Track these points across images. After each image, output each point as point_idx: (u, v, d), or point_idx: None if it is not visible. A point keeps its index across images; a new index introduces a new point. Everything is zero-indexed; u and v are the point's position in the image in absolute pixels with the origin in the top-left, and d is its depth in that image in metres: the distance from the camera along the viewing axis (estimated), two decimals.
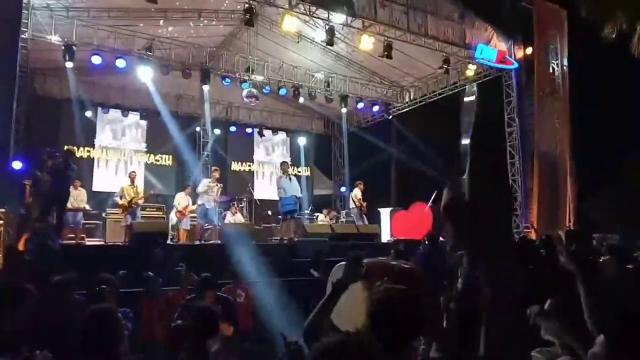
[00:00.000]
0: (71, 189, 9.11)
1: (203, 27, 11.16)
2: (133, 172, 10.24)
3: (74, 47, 10.13)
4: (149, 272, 5.27)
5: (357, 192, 11.59)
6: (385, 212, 12.03)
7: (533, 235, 10.05)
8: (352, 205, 11.72)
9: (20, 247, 6.71)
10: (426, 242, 6.41)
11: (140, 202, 9.50)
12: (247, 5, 9.26)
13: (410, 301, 1.75)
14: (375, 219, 11.99)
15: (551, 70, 11.00)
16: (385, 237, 11.29)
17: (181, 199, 10.31)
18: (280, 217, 10.47)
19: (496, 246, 1.31)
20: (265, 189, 15.04)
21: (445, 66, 11.41)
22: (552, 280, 2.91)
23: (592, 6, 10.46)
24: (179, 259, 6.28)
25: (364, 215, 11.51)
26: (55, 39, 9.99)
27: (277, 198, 10.12)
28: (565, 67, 11.06)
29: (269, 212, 13.04)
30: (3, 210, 6.50)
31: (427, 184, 11.43)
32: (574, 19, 11.24)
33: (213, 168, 10.92)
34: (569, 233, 8.53)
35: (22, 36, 8.43)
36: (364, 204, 11.53)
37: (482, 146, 1.40)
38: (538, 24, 11.12)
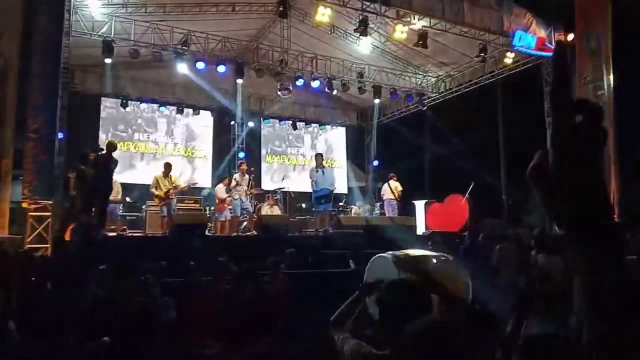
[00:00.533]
0: None
1: (237, 20, 11.22)
2: (168, 163, 10.45)
3: (112, 42, 10.40)
4: (190, 262, 5.37)
5: (396, 184, 11.55)
6: (420, 205, 11.89)
7: None
8: (388, 196, 11.63)
9: (67, 237, 6.98)
10: (466, 237, 6.32)
11: (175, 192, 9.66)
12: None
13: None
14: (409, 211, 11.88)
15: (592, 58, 10.59)
16: (420, 229, 11.18)
17: (220, 191, 10.47)
18: (313, 209, 10.52)
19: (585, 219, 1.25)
20: (299, 181, 15.11)
21: (483, 55, 11.14)
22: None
23: None
24: (217, 250, 6.40)
25: (394, 208, 11.49)
26: (94, 35, 10.28)
27: (311, 190, 10.17)
28: (608, 55, 10.62)
29: (303, 205, 13.12)
30: (51, 202, 6.75)
31: (463, 176, 11.25)
32: (618, 5, 10.78)
33: (239, 162, 11.06)
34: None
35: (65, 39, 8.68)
36: (398, 195, 11.52)
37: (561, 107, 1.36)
38: (579, 9, 10.71)
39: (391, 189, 11.57)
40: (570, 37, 10.99)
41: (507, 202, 12.39)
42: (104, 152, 8.08)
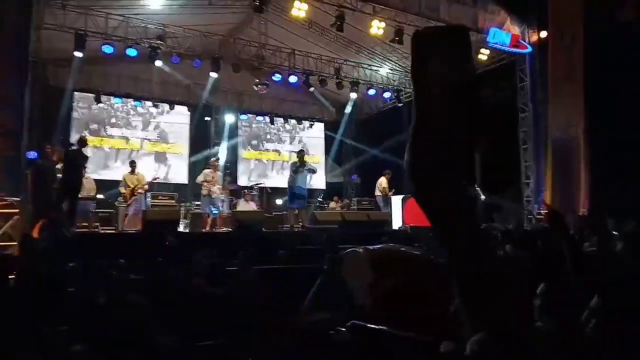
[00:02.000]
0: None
1: (213, 15, 11.10)
2: (133, 161, 10.36)
3: (85, 36, 10.18)
4: (159, 259, 5.31)
5: (382, 180, 11.64)
6: (396, 200, 11.97)
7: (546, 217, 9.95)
8: (377, 192, 11.73)
9: (35, 234, 6.83)
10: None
11: (142, 190, 9.59)
12: None
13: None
14: (378, 206, 11.97)
15: (566, 54, 10.77)
16: (397, 224, 11.25)
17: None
18: (288, 205, 10.53)
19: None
20: (276, 177, 15.08)
21: None
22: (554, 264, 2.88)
23: None
24: (190, 247, 6.35)
25: (389, 204, 11.56)
26: (66, 28, 10.06)
27: (287, 186, 10.17)
28: (580, 51, 10.80)
29: (278, 201, 13.11)
30: (18, 199, 6.60)
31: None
32: (591, 1, 10.96)
33: (212, 159, 10.95)
34: (582, 219, 8.44)
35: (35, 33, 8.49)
36: (390, 193, 11.55)
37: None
38: (553, 6, 10.87)
39: (378, 185, 11.74)
40: (544, 34, 11.16)
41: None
42: (74, 147, 7.93)
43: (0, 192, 6.57)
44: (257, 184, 12.66)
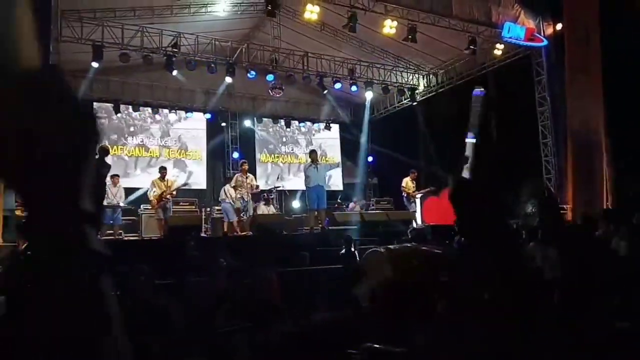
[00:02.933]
0: (110, 185, 9.43)
1: (226, 21, 11.22)
2: (163, 167, 10.46)
3: (101, 47, 10.38)
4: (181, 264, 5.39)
5: (406, 181, 11.59)
6: (417, 199, 11.93)
7: (569, 216, 9.83)
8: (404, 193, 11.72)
9: None
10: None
11: (171, 195, 9.68)
12: None
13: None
14: (403, 204, 11.91)
15: (582, 47, 10.61)
16: (417, 223, 11.21)
17: (230, 190, 10.41)
18: (307, 207, 10.55)
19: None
20: (293, 180, 15.14)
21: (472, 47, 11.14)
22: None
23: None
24: (213, 251, 6.44)
25: (412, 204, 11.48)
26: (84, 40, 10.27)
27: (305, 188, 10.20)
28: (597, 43, 10.64)
29: (295, 203, 13.17)
30: None
31: (455, 169, 11.26)
32: None
33: (241, 161, 11.03)
34: (606, 213, 8.30)
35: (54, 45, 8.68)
36: (414, 192, 11.51)
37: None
38: None
39: (403, 185, 11.67)
40: (559, 26, 11.02)
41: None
42: (96, 156, 8.07)
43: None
44: (276, 187, 12.73)
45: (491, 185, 1.32)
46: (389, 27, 10.14)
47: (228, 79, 12.16)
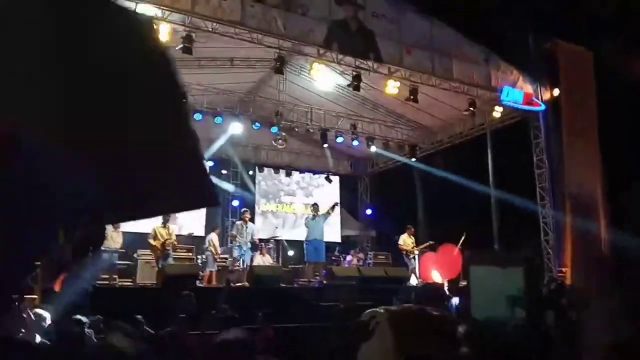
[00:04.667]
0: (110, 230, 9.40)
1: (234, 74, 11.57)
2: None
3: None
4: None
5: (403, 237, 11.60)
6: (415, 256, 11.91)
7: (568, 279, 9.79)
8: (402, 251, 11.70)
9: (57, 288, 6.89)
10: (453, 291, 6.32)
11: (173, 244, 9.65)
12: (277, 54, 9.60)
13: None
14: (403, 261, 11.87)
15: (579, 111, 10.93)
16: (414, 280, 11.14)
17: (215, 240, 10.48)
18: (305, 260, 10.53)
19: None
20: (292, 231, 15.12)
21: (471, 109, 11.45)
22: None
23: (618, 47, 10.46)
24: (208, 302, 6.37)
25: (412, 260, 11.44)
26: None
27: (304, 240, 10.24)
28: (593, 108, 10.97)
29: (291, 252, 13.11)
30: None
31: (455, 226, 11.34)
32: (600, 59, 11.23)
33: (243, 210, 11.06)
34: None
35: None
36: (413, 250, 11.52)
37: None
38: (563, 65, 11.13)
39: (400, 243, 11.66)
40: (556, 91, 11.39)
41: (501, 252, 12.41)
42: None
43: None
44: (274, 237, 12.72)
45: None
46: (392, 87, 10.46)
47: (235, 129, 12.42)
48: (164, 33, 8.27)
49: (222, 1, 8.50)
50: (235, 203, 14.26)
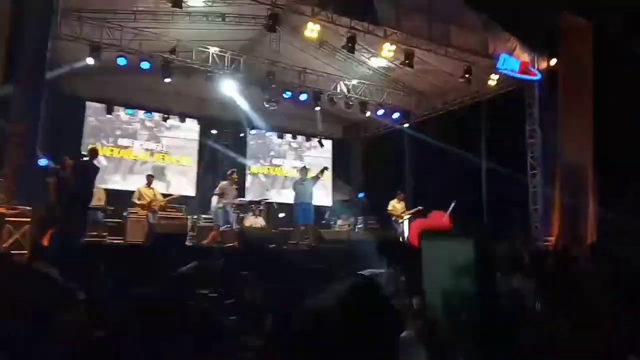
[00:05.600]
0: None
1: (226, 31, 11.27)
2: (150, 175, 10.41)
3: (99, 47, 10.36)
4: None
5: (392, 203, 11.68)
6: (404, 221, 12.00)
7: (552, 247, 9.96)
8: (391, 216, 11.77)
9: (45, 242, 6.89)
10: None
11: (160, 205, 9.63)
12: (270, 12, 9.34)
13: None
14: (392, 226, 11.97)
15: (575, 83, 10.85)
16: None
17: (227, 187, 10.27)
18: (295, 222, 10.56)
19: None
20: (283, 193, 15.13)
21: (467, 75, 11.31)
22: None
23: (619, 19, 10.31)
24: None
25: (400, 225, 11.52)
26: (82, 40, 10.25)
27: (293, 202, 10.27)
28: (589, 80, 10.90)
29: (282, 214, 13.17)
30: (29, 208, 6.67)
31: (444, 193, 11.40)
32: (599, 31, 11.08)
33: (230, 170, 10.95)
34: (590, 247, 8.42)
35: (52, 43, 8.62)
36: (402, 215, 11.58)
37: None
38: (563, 35, 10.99)
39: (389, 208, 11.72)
40: (553, 62, 11.28)
41: (489, 221, 12.55)
42: (86, 158, 8.02)
43: (13, 200, 6.65)
44: (264, 199, 12.72)
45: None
46: (387, 50, 10.27)
47: (227, 89, 12.21)
48: None
49: None
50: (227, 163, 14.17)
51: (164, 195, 10.54)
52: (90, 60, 10.41)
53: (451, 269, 1.91)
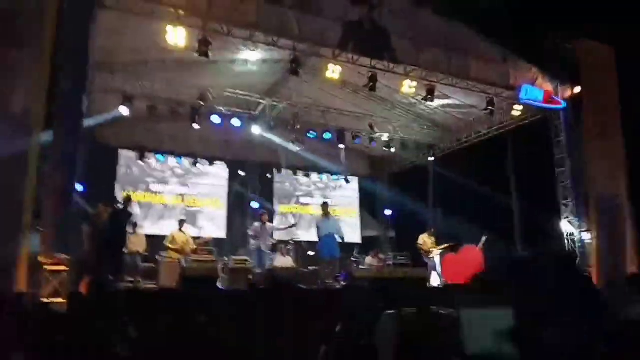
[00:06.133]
0: (129, 234, 9.59)
1: (250, 76, 11.64)
2: (182, 219, 10.65)
3: (131, 98, 10.85)
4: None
5: (423, 238, 11.58)
6: (434, 256, 11.82)
7: (595, 279, 9.63)
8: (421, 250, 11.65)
9: (83, 290, 7.04)
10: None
11: (191, 248, 9.79)
12: (292, 56, 9.63)
13: None
14: (423, 261, 11.79)
15: (601, 110, 10.70)
16: (435, 281, 11.05)
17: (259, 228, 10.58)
18: (320, 257, 10.53)
19: None
20: (311, 232, 15.15)
21: (490, 108, 11.31)
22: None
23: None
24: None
25: (432, 260, 11.37)
26: (115, 92, 10.76)
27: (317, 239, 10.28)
28: (615, 106, 10.74)
29: (311, 253, 13.12)
30: (67, 257, 6.87)
31: (473, 226, 11.25)
32: (622, 55, 10.99)
33: (261, 211, 11.13)
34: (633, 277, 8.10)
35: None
36: (432, 250, 11.44)
37: None
38: (584, 63, 10.92)
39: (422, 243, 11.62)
40: (577, 89, 11.18)
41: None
42: (120, 205, 8.27)
43: (51, 249, 6.86)
44: (293, 239, 12.77)
45: None
46: (409, 87, 10.40)
47: (254, 131, 12.52)
48: (180, 37, 8.39)
49: (238, 4, 8.55)
50: (255, 205, 14.38)
51: (195, 239, 10.73)
52: (125, 111, 10.88)
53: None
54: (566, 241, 11.24)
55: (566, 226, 11.29)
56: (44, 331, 4.63)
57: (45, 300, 6.43)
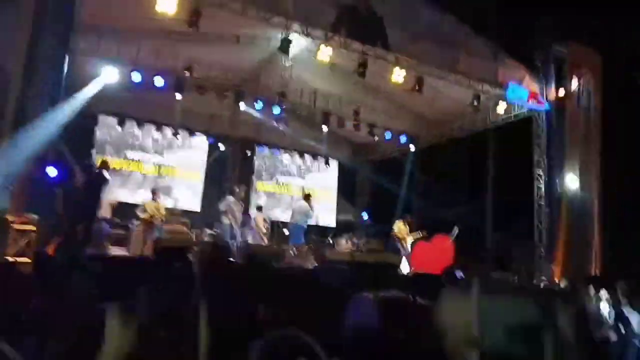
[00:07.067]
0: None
1: (240, 51, 11.47)
2: (155, 189, 10.56)
3: (115, 62, 10.60)
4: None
5: (398, 225, 11.64)
6: (407, 244, 11.97)
7: (557, 277, 9.91)
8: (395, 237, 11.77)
9: (50, 252, 6.95)
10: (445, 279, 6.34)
11: (160, 219, 9.73)
12: (284, 34, 9.51)
13: None
14: (394, 247, 11.95)
15: (583, 114, 10.90)
16: (405, 268, 11.21)
17: (234, 205, 10.59)
18: (290, 242, 10.64)
19: None
20: (288, 211, 15.18)
21: (476, 103, 11.39)
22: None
23: (629, 50, 10.41)
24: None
25: (404, 247, 11.50)
26: (98, 55, 10.48)
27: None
28: (598, 112, 10.94)
29: (286, 232, 13.19)
30: (36, 217, 6.75)
31: (448, 218, 11.41)
32: (609, 62, 11.16)
33: (236, 188, 11.08)
34: (591, 279, 8.37)
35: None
36: (406, 238, 11.56)
37: None
38: (571, 66, 11.09)
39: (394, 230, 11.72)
40: (561, 92, 11.34)
41: (492, 249, 12.49)
42: (96, 170, 8.13)
43: (20, 208, 6.72)
44: (268, 217, 12.77)
45: None
46: (397, 74, 10.38)
47: (241, 106, 12.39)
48: (171, 5, 8.20)
49: None
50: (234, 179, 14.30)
51: (169, 210, 10.65)
52: (111, 76, 10.62)
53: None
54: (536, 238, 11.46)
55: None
56: (7, 291, 4.55)
57: (10, 259, 6.32)
